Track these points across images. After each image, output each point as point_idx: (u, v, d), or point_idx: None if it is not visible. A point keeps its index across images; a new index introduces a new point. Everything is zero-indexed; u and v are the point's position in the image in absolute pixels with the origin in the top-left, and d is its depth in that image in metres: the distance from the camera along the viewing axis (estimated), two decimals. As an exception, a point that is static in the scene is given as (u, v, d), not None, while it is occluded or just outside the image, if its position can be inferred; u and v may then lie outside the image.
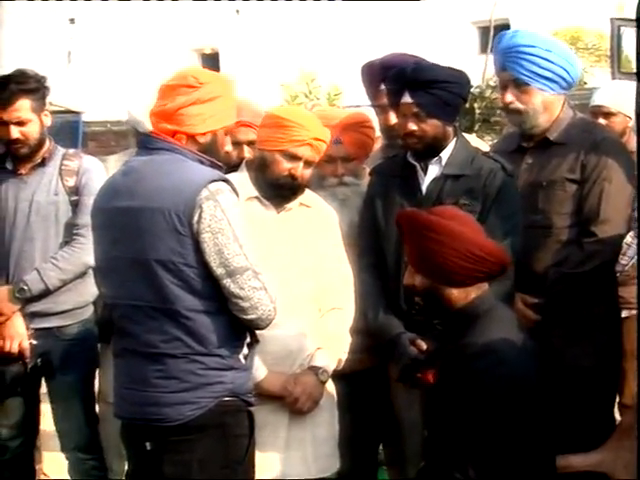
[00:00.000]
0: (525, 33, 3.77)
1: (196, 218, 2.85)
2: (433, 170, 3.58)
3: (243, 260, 2.88)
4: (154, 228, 2.87)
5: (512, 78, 3.69)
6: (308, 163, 3.42)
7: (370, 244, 3.63)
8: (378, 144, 4.15)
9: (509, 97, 3.70)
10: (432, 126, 3.51)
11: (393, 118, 3.77)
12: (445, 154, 3.57)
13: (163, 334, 2.89)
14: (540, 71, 3.66)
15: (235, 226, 2.88)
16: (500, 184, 3.50)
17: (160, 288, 2.87)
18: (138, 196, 2.91)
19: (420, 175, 3.59)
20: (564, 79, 3.71)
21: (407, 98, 3.50)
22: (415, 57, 3.84)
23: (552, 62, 3.67)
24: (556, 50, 3.71)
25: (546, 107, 3.71)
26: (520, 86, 3.68)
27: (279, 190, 3.43)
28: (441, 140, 3.55)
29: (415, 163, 3.60)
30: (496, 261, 2.82)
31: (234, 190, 2.96)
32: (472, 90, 6.07)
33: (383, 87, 3.76)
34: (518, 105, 3.70)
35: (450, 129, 3.58)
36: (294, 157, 3.39)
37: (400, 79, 3.54)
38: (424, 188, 3.57)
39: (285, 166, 3.39)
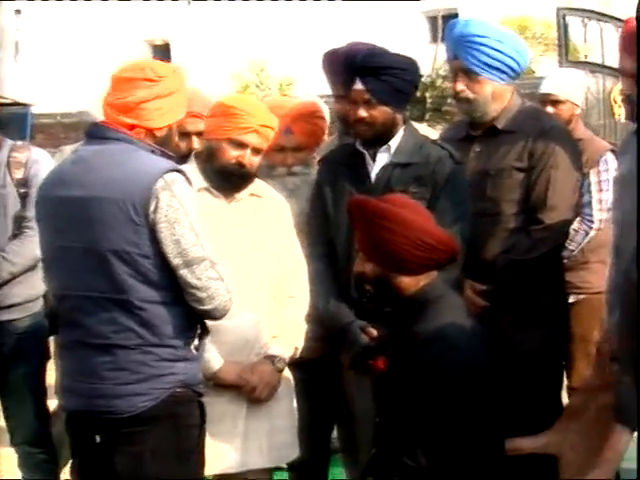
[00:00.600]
0: (477, 22, 3.78)
1: (152, 208, 2.84)
2: (382, 158, 3.59)
3: (200, 250, 2.88)
4: (108, 218, 2.84)
5: (463, 67, 3.71)
6: (256, 150, 3.41)
7: (321, 233, 3.64)
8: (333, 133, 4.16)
9: (460, 86, 3.72)
10: (382, 113, 3.52)
11: None
12: (394, 142, 3.58)
13: (115, 325, 2.87)
14: (490, 61, 3.68)
15: (191, 216, 2.88)
16: (448, 172, 3.52)
17: (113, 278, 2.85)
18: (90, 186, 2.88)
19: (369, 163, 3.60)
20: (513, 69, 3.73)
21: (358, 85, 3.51)
22: (379, 47, 3.84)
23: (502, 53, 3.68)
24: (507, 41, 3.73)
25: (496, 96, 3.73)
26: (470, 75, 3.70)
27: (228, 179, 3.42)
28: (390, 128, 3.56)
29: (364, 151, 3.61)
30: (446, 249, 2.85)
31: (188, 180, 2.96)
32: (423, 79, 6.11)
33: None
34: (468, 94, 3.72)
35: (399, 117, 3.59)
36: (241, 144, 3.38)
37: (351, 66, 3.54)
38: (373, 176, 3.59)
39: (232, 154, 3.38)
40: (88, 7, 19.09)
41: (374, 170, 3.59)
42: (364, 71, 3.50)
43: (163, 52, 18.83)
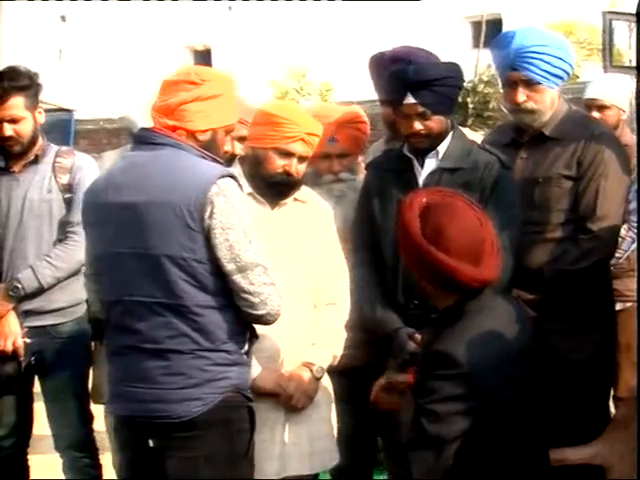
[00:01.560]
0: (533, 31, 3.77)
1: (207, 213, 2.85)
2: (430, 164, 3.57)
3: (253, 256, 2.89)
4: (164, 224, 2.85)
5: (524, 78, 3.66)
6: (302, 158, 3.41)
7: (367, 238, 3.62)
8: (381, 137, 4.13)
9: (521, 97, 3.66)
10: (437, 122, 3.51)
11: None
12: (442, 147, 3.56)
13: (169, 330, 2.87)
14: (552, 69, 3.66)
15: (244, 222, 2.90)
16: (497, 177, 3.50)
17: (168, 284, 2.86)
18: (146, 192, 2.89)
19: (417, 168, 3.58)
20: (568, 73, 3.73)
21: (410, 99, 3.48)
22: (424, 50, 3.82)
23: (562, 59, 3.68)
24: (562, 46, 3.73)
25: (552, 103, 3.71)
26: (532, 85, 3.66)
27: (275, 187, 3.42)
28: (444, 134, 3.55)
29: (412, 156, 3.59)
30: (470, 282, 2.71)
31: (240, 185, 2.98)
32: (465, 85, 6.08)
33: None
34: (532, 105, 3.67)
35: (449, 122, 3.58)
36: (287, 153, 3.38)
37: (401, 80, 3.52)
38: (421, 181, 3.56)
39: (279, 163, 3.39)
40: (130, 13, 19.24)
41: (422, 175, 3.57)
42: (416, 85, 3.47)
43: (204, 58, 18.94)
